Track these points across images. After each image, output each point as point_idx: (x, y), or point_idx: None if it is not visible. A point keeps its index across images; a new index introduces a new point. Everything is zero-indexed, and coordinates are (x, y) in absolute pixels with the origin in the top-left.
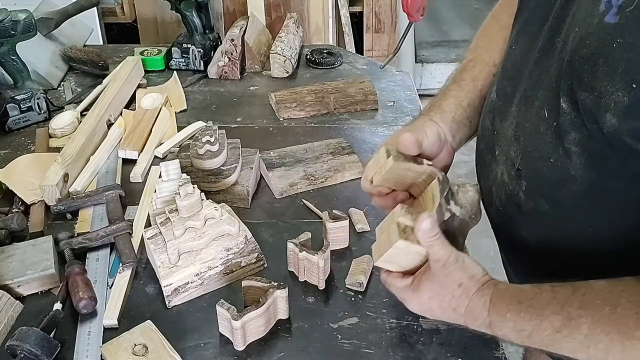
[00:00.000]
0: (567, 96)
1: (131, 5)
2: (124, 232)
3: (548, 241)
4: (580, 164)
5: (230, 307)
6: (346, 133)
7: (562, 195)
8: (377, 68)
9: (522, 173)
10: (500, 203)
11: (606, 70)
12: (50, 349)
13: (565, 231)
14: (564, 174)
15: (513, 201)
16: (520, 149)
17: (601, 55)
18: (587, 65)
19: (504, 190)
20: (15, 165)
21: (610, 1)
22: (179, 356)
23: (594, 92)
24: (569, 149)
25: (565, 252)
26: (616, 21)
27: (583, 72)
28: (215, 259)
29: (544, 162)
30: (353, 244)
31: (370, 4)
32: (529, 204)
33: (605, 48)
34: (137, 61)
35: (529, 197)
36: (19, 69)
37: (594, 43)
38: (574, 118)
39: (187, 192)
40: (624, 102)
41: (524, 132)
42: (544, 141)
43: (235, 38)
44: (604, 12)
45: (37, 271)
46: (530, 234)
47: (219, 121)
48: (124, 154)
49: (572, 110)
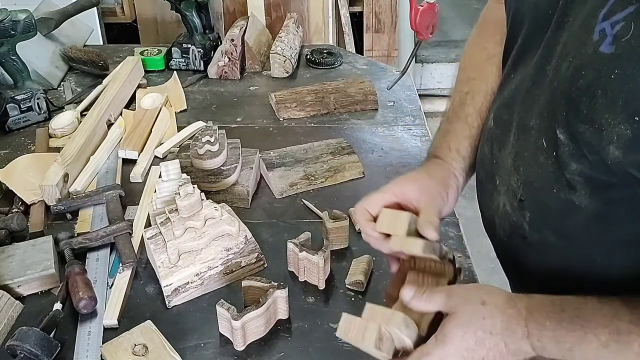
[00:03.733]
0: (563, 127)
1: (131, 5)
2: (124, 232)
3: (556, 271)
4: (585, 194)
5: (230, 307)
6: (346, 133)
7: (567, 226)
8: (377, 68)
9: (525, 204)
10: (504, 234)
11: (605, 102)
12: (50, 349)
13: (573, 261)
14: (568, 204)
15: (518, 232)
16: (521, 179)
17: (599, 87)
18: (584, 97)
19: (507, 220)
20: (15, 165)
21: (604, 30)
22: (179, 356)
23: (594, 125)
24: (572, 179)
25: (575, 280)
26: (612, 51)
27: (581, 104)
28: (215, 259)
29: (546, 193)
30: (353, 244)
31: (370, 4)
32: (534, 236)
33: (602, 79)
34: (137, 61)
35: (534, 228)
36: (19, 69)
37: (591, 74)
38: (573, 149)
39: (187, 192)
40: (627, 135)
41: (523, 162)
42: (545, 171)
43: (235, 38)
44: (599, 41)
45: (37, 271)
46: (538, 264)
47: (219, 121)
48: (124, 154)
49: (570, 142)
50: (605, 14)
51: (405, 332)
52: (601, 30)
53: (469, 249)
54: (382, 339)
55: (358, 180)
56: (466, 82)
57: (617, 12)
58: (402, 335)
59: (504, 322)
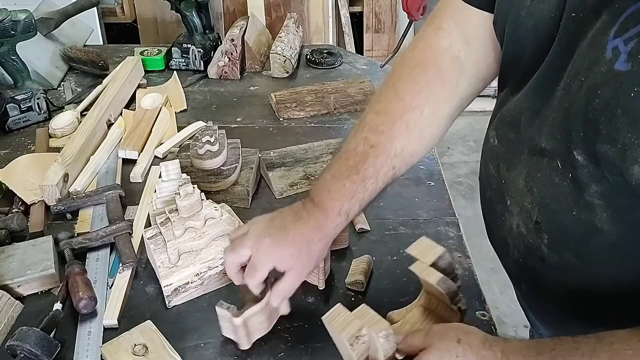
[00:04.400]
0: (581, 149)
1: (131, 5)
2: (124, 232)
3: (578, 293)
4: (607, 216)
5: (230, 306)
6: (346, 133)
7: (589, 248)
8: (377, 68)
9: (542, 226)
10: (519, 255)
11: (627, 121)
12: (50, 349)
13: (596, 283)
14: (589, 227)
15: (535, 254)
16: (535, 201)
17: (618, 106)
18: (603, 117)
19: (522, 242)
20: (15, 165)
21: (617, 47)
22: (179, 356)
23: (616, 145)
24: (592, 202)
25: (600, 300)
26: (629, 69)
27: (600, 124)
28: (215, 259)
29: (565, 215)
30: (353, 244)
31: (370, 4)
32: (553, 258)
33: (621, 98)
34: (137, 61)
35: (553, 250)
36: (19, 69)
37: (608, 93)
38: (592, 170)
39: (187, 192)
40: None
41: (536, 183)
42: (562, 193)
43: (235, 38)
44: (612, 59)
45: (37, 271)
46: (557, 285)
47: (219, 121)
48: (124, 154)
49: (589, 163)
50: (616, 31)
51: (383, 342)
52: (614, 47)
53: (469, 249)
54: (359, 339)
55: None
56: (374, 132)
57: (629, 29)
58: (378, 344)
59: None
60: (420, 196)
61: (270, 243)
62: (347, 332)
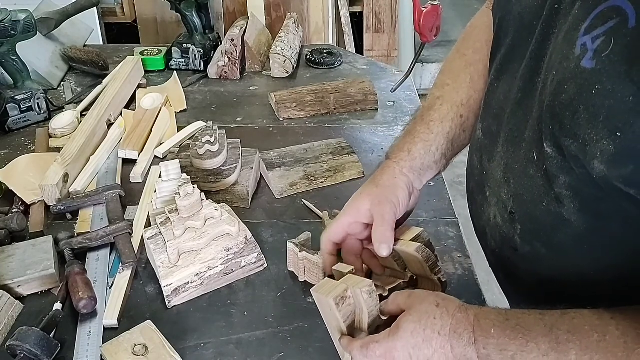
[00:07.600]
0: (550, 141)
1: (131, 5)
2: (124, 232)
3: (548, 282)
4: (574, 207)
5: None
6: (346, 133)
7: (558, 239)
8: (377, 68)
9: (515, 217)
10: (495, 245)
11: (587, 117)
12: (50, 349)
13: (565, 273)
14: (558, 218)
15: (509, 244)
16: (511, 192)
17: (581, 102)
18: (567, 112)
19: (498, 232)
20: (15, 165)
21: (585, 44)
22: (179, 356)
23: (577, 140)
24: (560, 193)
25: (567, 291)
26: (593, 66)
27: (564, 119)
28: (215, 259)
29: (536, 206)
30: None
31: (370, 4)
32: (525, 248)
33: (584, 94)
34: (137, 61)
35: (525, 240)
36: (19, 69)
37: (573, 89)
38: (560, 162)
39: (187, 192)
40: (610, 150)
41: (513, 174)
42: (535, 184)
43: (235, 38)
44: (580, 56)
45: (37, 271)
46: (529, 275)
47: (219, 121)
48: (124, 154)
49: (557, 155)
50: (586, 27)
51: (367, 299)
52: (582, 44)
53: (469, 248)
54: (344, 300)
55: (358, 180)
56: (440, 87)
57: (597, 27)
58: (362, 301)
59: (453, 325)
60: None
61: (359, 193)
62: (333, 294)
